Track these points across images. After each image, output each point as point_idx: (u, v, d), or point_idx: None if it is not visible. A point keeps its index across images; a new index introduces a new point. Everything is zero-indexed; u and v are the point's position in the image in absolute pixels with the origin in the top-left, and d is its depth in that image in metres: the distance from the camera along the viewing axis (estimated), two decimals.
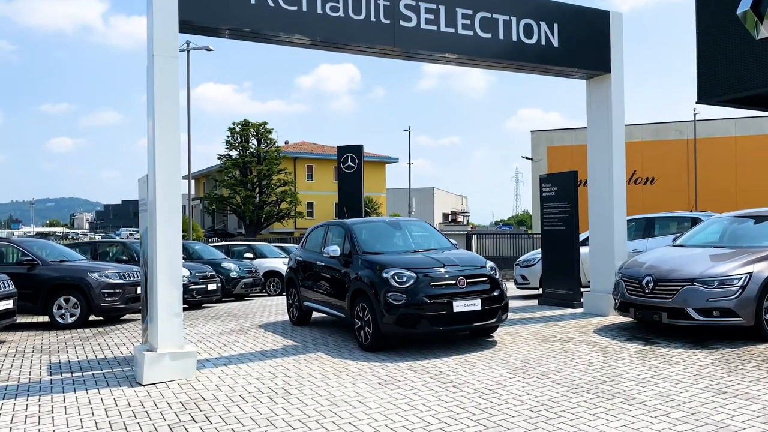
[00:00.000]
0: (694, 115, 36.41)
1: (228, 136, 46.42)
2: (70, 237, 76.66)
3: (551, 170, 41.71)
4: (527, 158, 41.75)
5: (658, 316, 7.37)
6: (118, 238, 36.18)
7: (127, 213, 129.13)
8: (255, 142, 47.15)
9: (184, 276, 13.42)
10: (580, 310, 9.96)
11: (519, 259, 13.10)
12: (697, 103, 11.17)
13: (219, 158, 46.81)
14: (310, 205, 52.26)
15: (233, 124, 46.48)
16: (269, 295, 17.51)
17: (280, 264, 17.75)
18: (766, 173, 35.84)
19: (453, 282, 7.23)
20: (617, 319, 9.01)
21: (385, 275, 7.27)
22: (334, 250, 8.29)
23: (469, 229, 66.01)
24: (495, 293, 7.43)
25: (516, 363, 6.63)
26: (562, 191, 10.42)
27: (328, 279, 8.66)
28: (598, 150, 9.59)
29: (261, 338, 8.81)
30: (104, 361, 7.63)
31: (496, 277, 7.63)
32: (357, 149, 16.93)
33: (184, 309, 14.01)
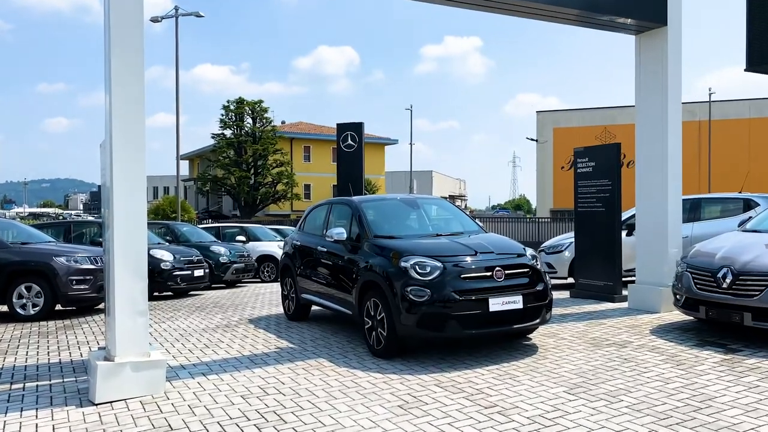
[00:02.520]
0: (710, 95, 34.93)
1: (222, 115, 44.84)
2: (61, 217, 74.98)
3: (557, 152, 40.33)
4: (532, 140, 40.27)
5: (739, 317, 5.98)
6: None
7: None
8: (250, 121, 45.56)
9: (167, 261, 12.05)
10: (623, 304, 8.58)
11: (544, 244, 11.70)
12: (745, 70, 9.90)
13: (213, 137, 45.21)
14: (307, 187, 50.77)
15: (227, 101, 44.91)
16: (263, 282, 16.13)
17: (274, 248, 16.35)
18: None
19: (488, 274, 5.81)
20: (672, 317, 7.64)
21: (403, 265, 5.85)
22: (339, 233, 6.86)
23: (468, 213, 64.64)
24: (539, 288, 6.02)
25: (571, 377, 5.23)
26: (602, 167, 8.98)
27: (331, 268, 7.24)
28: (650, 118, 8.14)
29: (251, 337, 7.40)
30: (57, 367, 6.22)
31: (539, 267, 6.22)
32: (358, 127, 15.49)
33: (168, 297, 12.74)
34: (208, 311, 9.83)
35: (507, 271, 5.89)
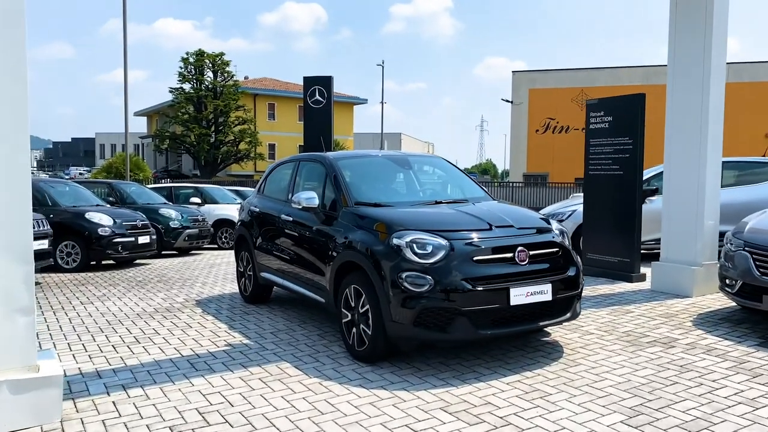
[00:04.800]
0: None
1: (181, 68, 42.10)
2: None
3: (533, 114, 38.99)
4: (507, 101, 38.83)
5: None
6: (66, 178, 32.27)
7: (77, 151, 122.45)
8: (211, 75, 42.95)
9: (105, 226, 10.35)
10: (643, 285, 7.32)
11: (542, 211, 10.33)
12: None
13: (171, 91, 42.51)
14: (272, 147, 48.61)
15: (186, 53, 42.18)
16: (220, 249, 14.52)
17: (233, 211, 14.67)
18: (757, 122, 33.93)
19: (509, 255, 4.38)
20: (709, 302, 6.39)
21: (395, 242, 4.38)
22: (309, 198, 5.33)
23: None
24: (570, 273, 4.63)
25: (621, 396, 3.89)
26: (621, 121, 7.60)
27: (298, 242, 5.73)
28: (687, 65, 6.73)
29: (195, 327, 5.89)
30: None
31: (568, 245, 4.82)
32: (326, 81, 13.88)
33: (108, 267, 11.07)
34: (150, 287, 8.26)
35: (532, 252, 4.47)
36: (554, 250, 4.63)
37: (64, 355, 5.03)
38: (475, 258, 4.29)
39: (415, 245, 4.31)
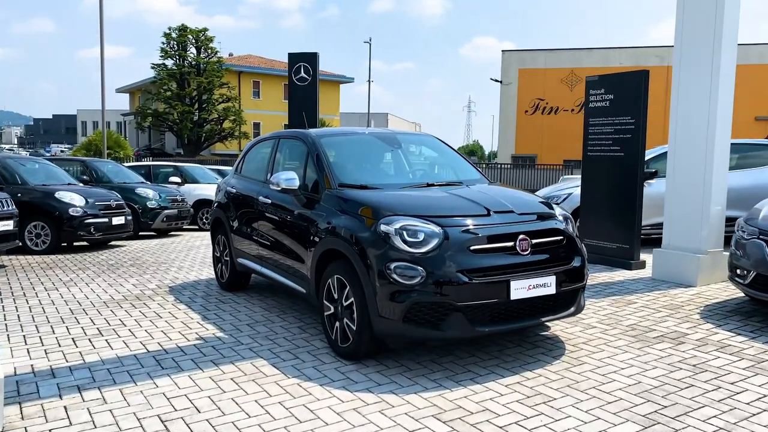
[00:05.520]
0: None
1: (163, 43, 41.04)
2: None
3: (522, 95, 38.51)
4: (496, 81, 38.28)
5: None
6: (47, 155, 31.42)
7: (58, 128, 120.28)
8: (194, 51, 41.93)
9: (77, 206, 9.83)
10: (643, 273, 6.96)
11: (536, 193, 9.91)
12: None
13: (153, 68, 41.45)
14: (257, 126, 47.77)
15: (169, 28, 41.03)
16: (200, 230, 14.01)
17: (214, 191, 14.16)
18: (748, 104, 33.75)
19: (509, 244, 3.96)
20: (713, 292, 6.03)
21: (383, 229, 3.93)
22: (289, 179, 4.87)
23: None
24: (575, 264, 4.22)
25: (633, 402, 3.50)
26: (622, 100, 7.17)
27: (277, 226, 5.27)
28: (696, 35, 6.29)
29: (165, 318, 5.43)
30: None
31: (572, 233, 4.41)
32: (312, 57, 13.45)
33: (82, 249, 10.55)
34: (122, 272, 7.77)
35: (534, 241, 4.05)
36: (558, 238, 4.21)
37: (18, 349, 4.57)
38: (471, 247, 3.86)
39: (405, 232, 3.87)
